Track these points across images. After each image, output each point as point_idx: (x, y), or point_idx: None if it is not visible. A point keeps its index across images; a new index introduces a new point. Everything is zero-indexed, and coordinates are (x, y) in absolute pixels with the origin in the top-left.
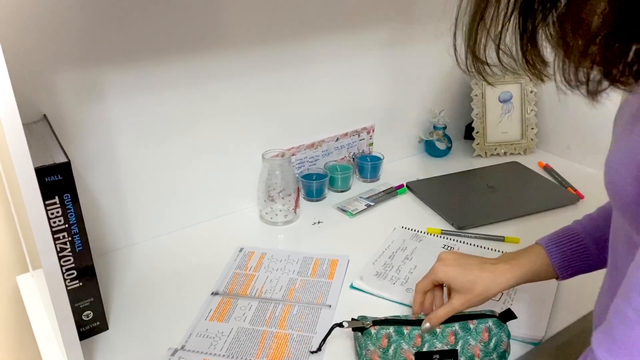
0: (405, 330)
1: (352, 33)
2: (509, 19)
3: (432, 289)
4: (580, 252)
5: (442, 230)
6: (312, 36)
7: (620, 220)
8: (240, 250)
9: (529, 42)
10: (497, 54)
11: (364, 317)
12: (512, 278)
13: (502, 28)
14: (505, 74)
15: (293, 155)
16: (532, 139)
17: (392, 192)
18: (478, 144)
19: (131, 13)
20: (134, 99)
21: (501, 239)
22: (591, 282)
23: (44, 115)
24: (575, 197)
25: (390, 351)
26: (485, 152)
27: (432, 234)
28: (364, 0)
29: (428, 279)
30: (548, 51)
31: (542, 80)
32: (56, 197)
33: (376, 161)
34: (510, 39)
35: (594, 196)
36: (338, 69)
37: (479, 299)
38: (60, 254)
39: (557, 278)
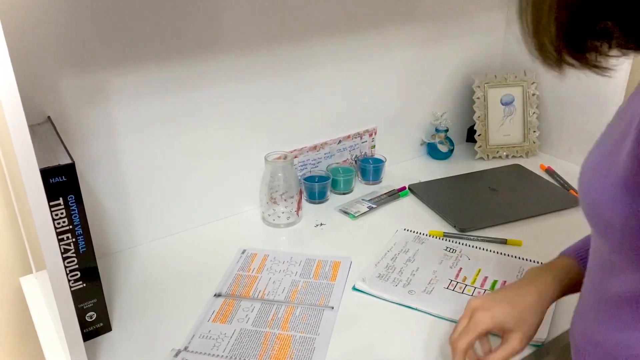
0: None
1: (354, 36)
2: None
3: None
4: None
5: (444, 232)
6: (314, 39)
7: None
8: (243, 252)
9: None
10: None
11: None
12: (553, 293)
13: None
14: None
15: (295, 157)
16: (534, 142)
17: (394, 195)
18: (480, 146)
19: (135, 16)
20: (138, 101)
21: (503, 241)
22: None
23: (48, 117)
24: (577, 200)
25: None
26: (488, 155)
27: (435, 237)
28: (365, 3)
29: (473, 335)
30: None
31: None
32: (60, 199)
33: (378, 163)
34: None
35: None
36: (340, 71)
37: (534, 329)
38: (64, 255)
39: None
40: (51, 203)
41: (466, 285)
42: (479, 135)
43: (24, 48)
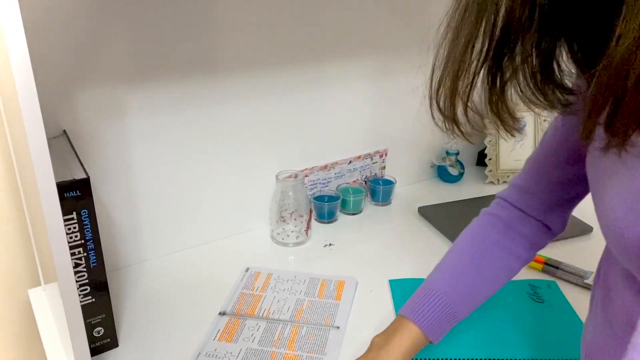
0: None
1: (366, 57)
2: (478, 74)
3: None
4: (447, 312)
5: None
6: (326, 60)
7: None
8: (247, 270)
9: (497, 95)
10: (465, 111)
11: None
12: None
13: (471, 84)
14: (472, 131)
15: (306, 176)
16: None
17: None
18: (490, 170)
19: (153, 33)
20: (152, 117)
21: None
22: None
23: (64, 131)
24: (588, 227)
25: None
26: (498, 179)
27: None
28: (378, 24)
29: None
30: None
31: (513, 135)
32: (74, 213)
33: (388, 185)
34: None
35: None
36: (352, 92)
37: None
38: (74, 270)
39: (431, 342)
40: (65, 217)
41: None
42: (489, 159)
43: (43, 62)
